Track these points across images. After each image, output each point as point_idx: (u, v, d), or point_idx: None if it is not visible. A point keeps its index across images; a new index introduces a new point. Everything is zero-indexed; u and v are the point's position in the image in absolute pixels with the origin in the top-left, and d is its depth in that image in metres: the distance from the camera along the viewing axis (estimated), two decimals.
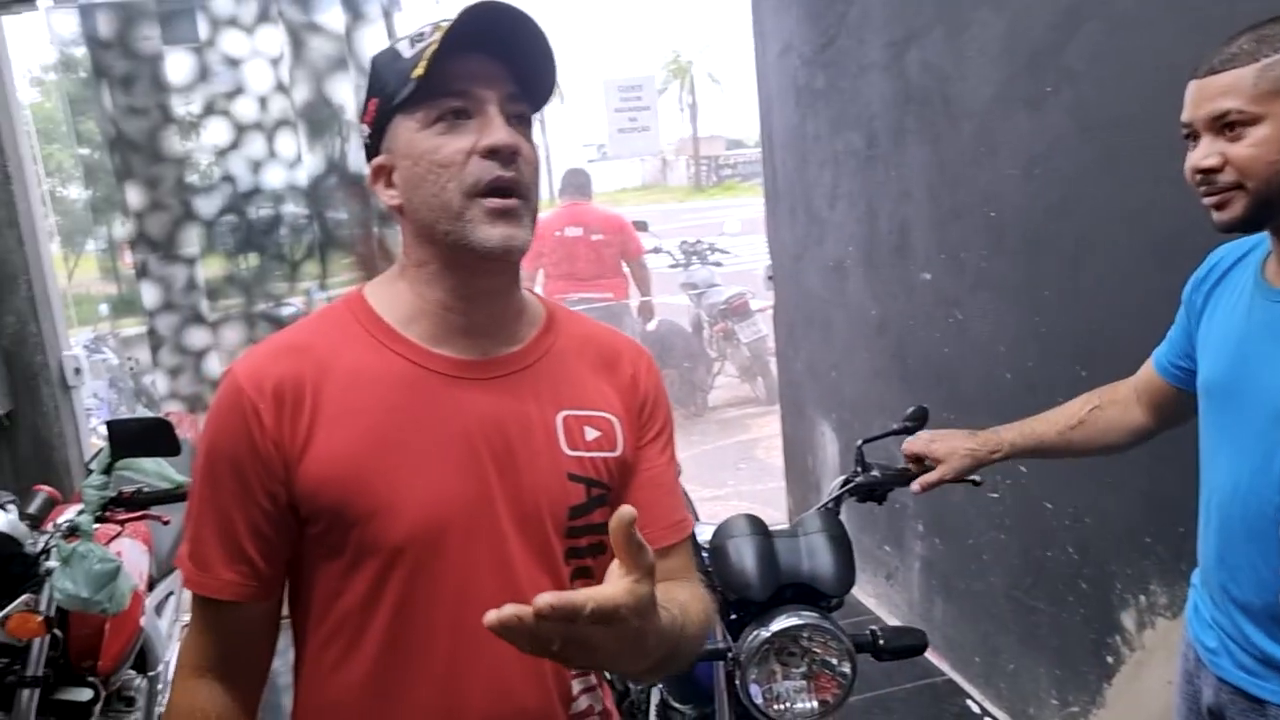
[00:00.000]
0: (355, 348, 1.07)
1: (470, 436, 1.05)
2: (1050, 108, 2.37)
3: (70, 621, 2.15)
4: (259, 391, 1.03)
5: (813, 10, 3.44)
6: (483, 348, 1.08)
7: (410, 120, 1.03)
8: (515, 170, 1.02)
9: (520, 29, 1.01)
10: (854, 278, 3.43)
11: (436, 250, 1.05)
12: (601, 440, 1.11)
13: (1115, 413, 1.69)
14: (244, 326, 4.11)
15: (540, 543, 1.07)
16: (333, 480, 1.02)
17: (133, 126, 3.74)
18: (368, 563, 1.03)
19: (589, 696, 1.14)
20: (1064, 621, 2.58)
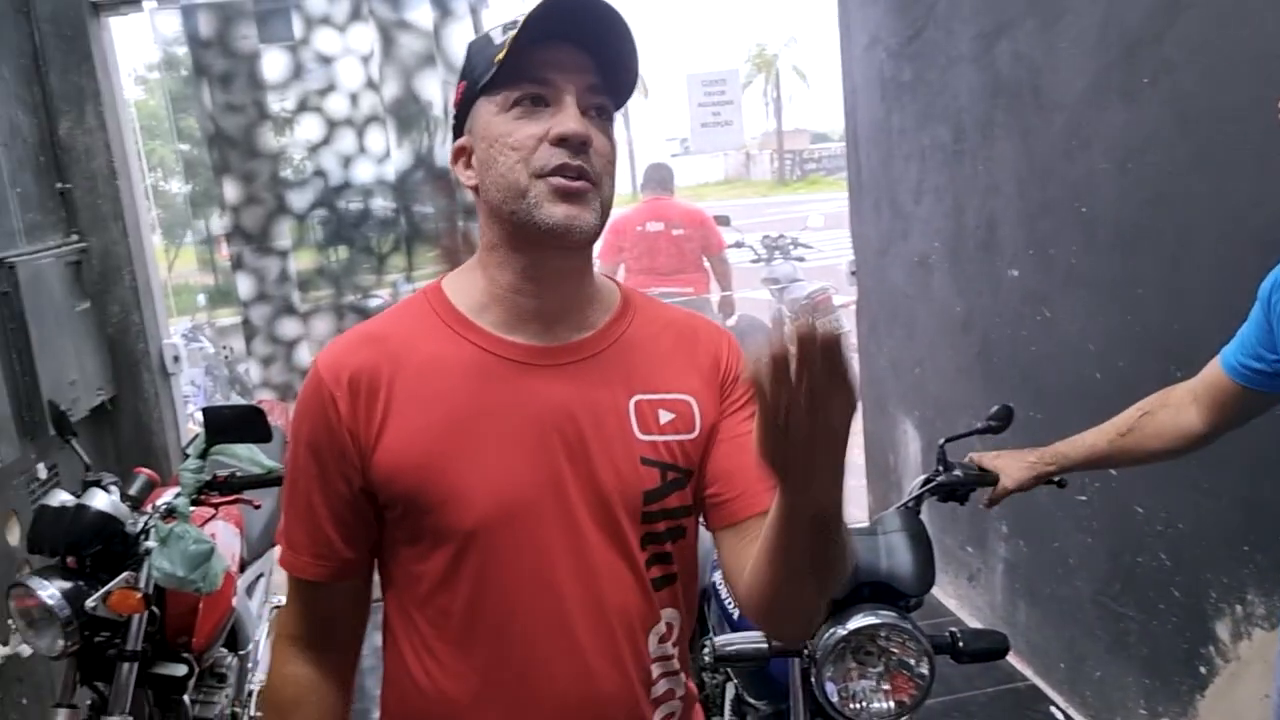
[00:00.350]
0: (430, 337, 1.09)
1: (541, 423, 1.06)
2: (1147, 99, 2.30)
3: (167, 600, 2.23)
4: (336, 381, 1.07)
5: (900, 2, 3.38)
6: (555, 333, 1.10)
7: (490, 103, 1.06)
8: (584, 160, 1.03)
9: (606, 22, 1.03)
10: (939, 273, 3.37)
11: (505, 231, 1.07)
12: (677, 423, 1.11)
13: (1167, 417, 1.65)
14: (333, 317, 4.21)
15: (614, 527, 1.08)
16: (405, 467, 1.05)
17: (230, 123, 3.85)
18: (443, 547, 1.06)
19: (670, 680, 1.14)
20: (1154, 629, 2.51)
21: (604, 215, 1.06)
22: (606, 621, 1.07)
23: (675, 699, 1.15)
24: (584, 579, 1.06)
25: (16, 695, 2.57)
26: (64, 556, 2.10)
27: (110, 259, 3.39)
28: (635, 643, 1.09)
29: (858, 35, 3.75)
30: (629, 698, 1.09)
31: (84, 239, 3.33)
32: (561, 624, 1.06)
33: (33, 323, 2.76)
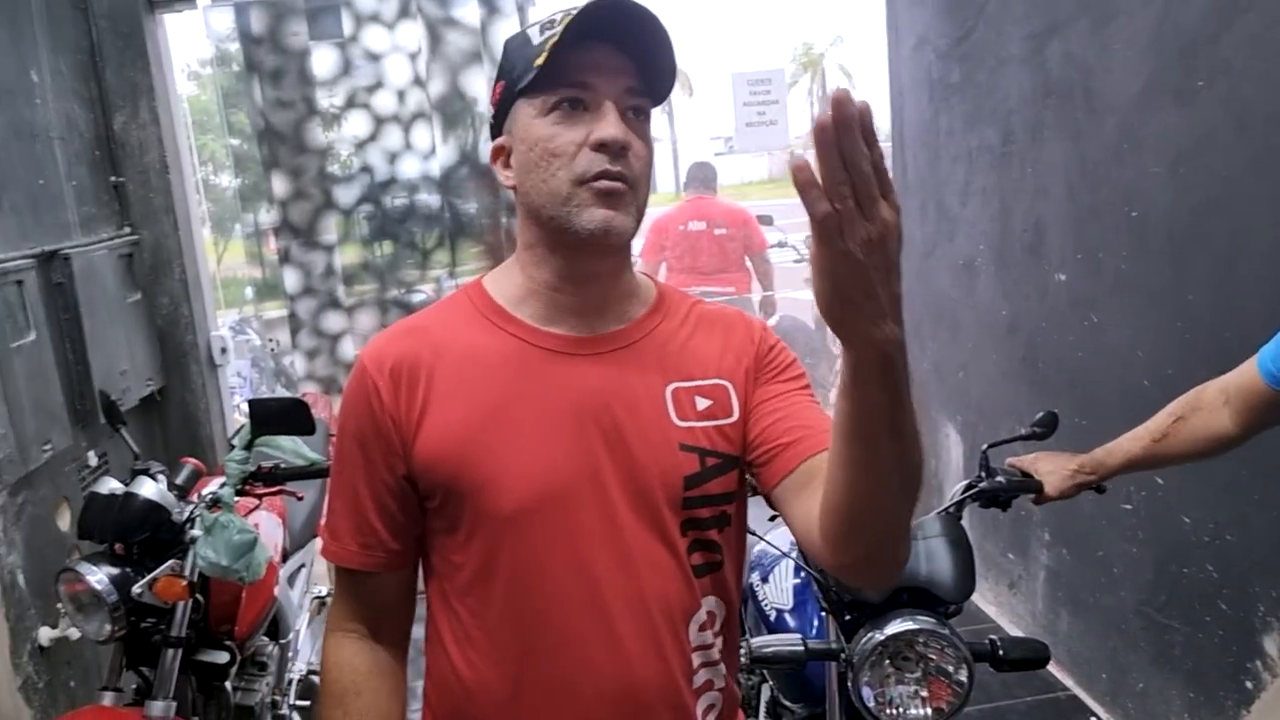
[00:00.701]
0: (470, 329, 1.12)
1: (577, 409, 1.07)
2: (1202, 102, 2.25)
3: (210, 588, 2.26)
4: (379, 370, 1.10)
5: (950, 3, 3.35)
6: (591, 325, 1.11)
7: (529, 105, 1.07)
8: (624, 164, 1.04)
9: (643, 23, 1.03)
10: (984, 276, 3.33)
11: (543, 233, 1.09)
12: (714, 409, 1.11)
13: (1199, 422, 1.63)
14: (377, 312, 4.24)
15: (652, 513, 1.08)
16: (445, 454, 1.07)
17: (280, 118, 3.90)
18: (481, 534, 1.08)
19: (710, 671, 1.14)
20: (1200, 642, 2.46)
21: (640, 217, 1.08)
22: (645, 608, 1.07)
23: (715, 690, 1.15)
24: (621, 565, 1.07)
25: (65, 677, 2.62)
26: (112, 543, 2.14)
27: (161, 252, 3.45)
28: (675, 630, 1.09)
29: (906, 36, 3.72)
30: (669, 686, 1.09)
31: (136, 232, 3.39)
32: (599, 611, 1.06)
33: (86, 314, 2.81)
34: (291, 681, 2.82)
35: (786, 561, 1.97)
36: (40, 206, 2.77)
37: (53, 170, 2.88)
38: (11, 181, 2.61)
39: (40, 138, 2.83)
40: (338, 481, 1.15)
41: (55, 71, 2.97)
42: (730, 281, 5.54)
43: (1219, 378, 1.65)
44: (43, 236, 2.74)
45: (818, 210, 0.73)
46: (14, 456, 2.38)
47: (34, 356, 2.56)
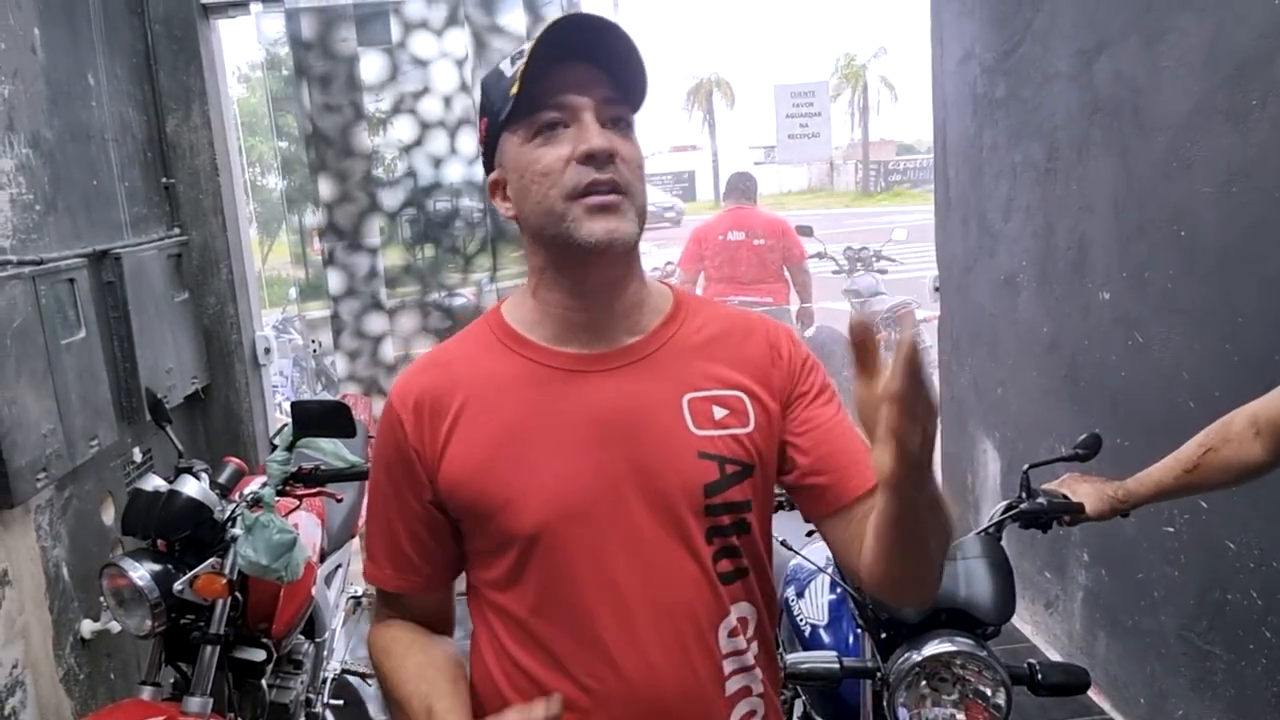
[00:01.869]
0: (488, 357, 1.15)
1: (594, 424, 1.09)
2: (1256, 122, 2.22)
3: (249, 586, 2.30)
4: (403, 405, 1.14)
5: (997, 16, 3.32)
6: (605, 340, 1.13)
7: (514, 136, 1.10)
8: (613, 172, 1.06)
9: (607, 34, 1.06)
10: (1026, 293, 3.30)
11: (548, 254, 1.11)
12: (730, 418, 1.12)
13: (1230, 452, 1.62)
14: (418, 314, 4.29)
15: (675, 523, 1.09)
16: (466, 479, 1.11)
17: (328, 122, 3.95)
18: (508, 552, 1.11)
19: (745, 677, 1.14)
20: (1243, 670, 2.42)
21: (641, 220, 1.09)
22: (671, 617, 1.08)
23: (753, 695, 1.15)
24: (645, 576, 1.08)
25: (105, 670, 2.67)
26: (155, 540, 2.18)
27: (209, 252, 3.51)
28: (703, 638, 1.10)
29: (951, 49, 3.69)
30: (698, 694, 1.10)
31: (185, 232, 3.45)
32: (625, 621, 1.08)
33: (134, 312, 2.87)
34: (326, 680, 2.85)
35: (822, 577, 1.96)
36: (93, 207, 2.83)
37: (106, 171, 2.94)
38: (67, 182, 2.67)
39: (95, 139, 2.89)
40: (373, 509, 1.21)
41: (111, 75, 3.03)
42: (769, 292, 5.53)
43: (1246, 406, 1.64)
44: (95, 236, 2.80)
45: (909, 446, 0.89)
46: (62, 452, 2.43)
47: (84, 354, 2.61)
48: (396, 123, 4.09)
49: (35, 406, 2.33)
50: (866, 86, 42.79)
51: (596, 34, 1.06)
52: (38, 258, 2.42)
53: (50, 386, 2.41)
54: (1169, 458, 1.70)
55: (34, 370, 2.34)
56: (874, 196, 35.13)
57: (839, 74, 41.87)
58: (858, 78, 42.56)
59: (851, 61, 43.05)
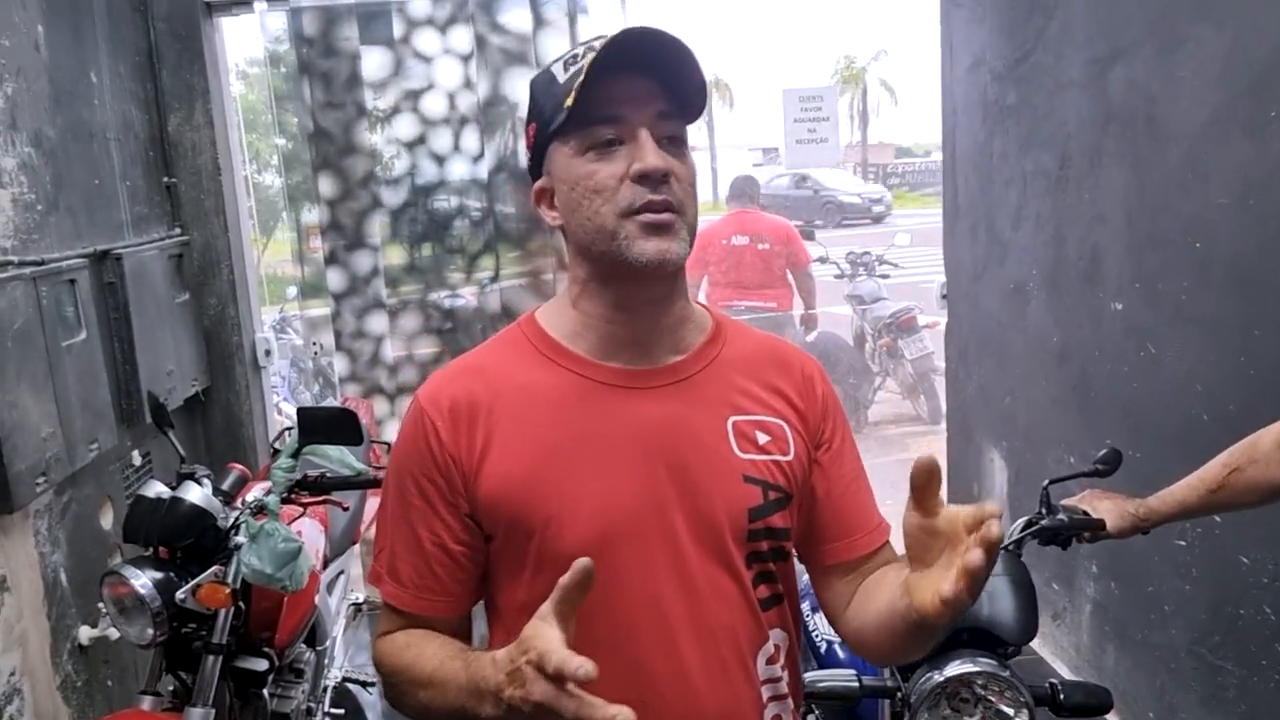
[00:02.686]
0: (526, 366, 1.11)
1: (641, 443, 1.07)
2: (1274, 134, 2.20)
3: (251, 595, 2.26)
4: (436, 409, 1.09)
5: (1008, 24, 3.30)
6: (650, 357, 1.11)
7: (565, 147, 1.07)
8: (667, 192, 1.03)
9: (666, 48, 1.03)
10: (1036, 302, 3.27)
11: (595, 267, 1.09)
12: (772, 445, 1.12)
13: (1257, 473, 1.60)
14: (420, 315, 4.26)
15: (717, 545, 1.08)
16: (508, 492, 1.06)
17: (329, 120, 3.93)
18: (548, 572, 1.05)
19: (779, 705, 1.14)
20: (1255, 686, 2.39)
21: (692, 238, 1.08)
22: (715, 642, 1.07)
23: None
24: (690, 599, 1.06)
25: (103, 677, 2.63)
26: (156, 547, 2.14)
27: (210, 253, 3.48)
28: (745, 664, 1.09)
29: (961, 56, 3.67)
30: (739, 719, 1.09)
31: (186, 232, 3.42)
32: (669, 645, 1.06)
33: (135, 313, 2.83)
34: (327, 688, 2.82)
35: None
36: (95, 206, 2.80)
37: (108, 170, 2.91)
38: (69, 181, 2.63)
39: (97, 138, 2.85)
40: (396, 524, 1.13)
41: (114, 73, 3.00)
42: (773, 297, 5.51)
43: (1274, 426, 1.62)
44: (96, 236, 2.76)
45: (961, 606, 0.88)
46: (61, 455, 2.40)
47: (84, 355, 2.58)
48: (399, 120, 4.06)
49: (35, 409, 2.30)
50: (866, 89, 42.80)
51: (656, 46, 1.03)
52: (39, 258, 2.39)
53: (50, 389, 2.37)
54: (1192, 476, 1.68)
55: (34, 373, 2.30)
56: None
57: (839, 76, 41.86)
58: (857, 80, 42.56)
59: (851, 64, 43.06)
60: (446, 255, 4.34)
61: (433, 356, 4.35)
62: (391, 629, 1.16)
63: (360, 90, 3.98)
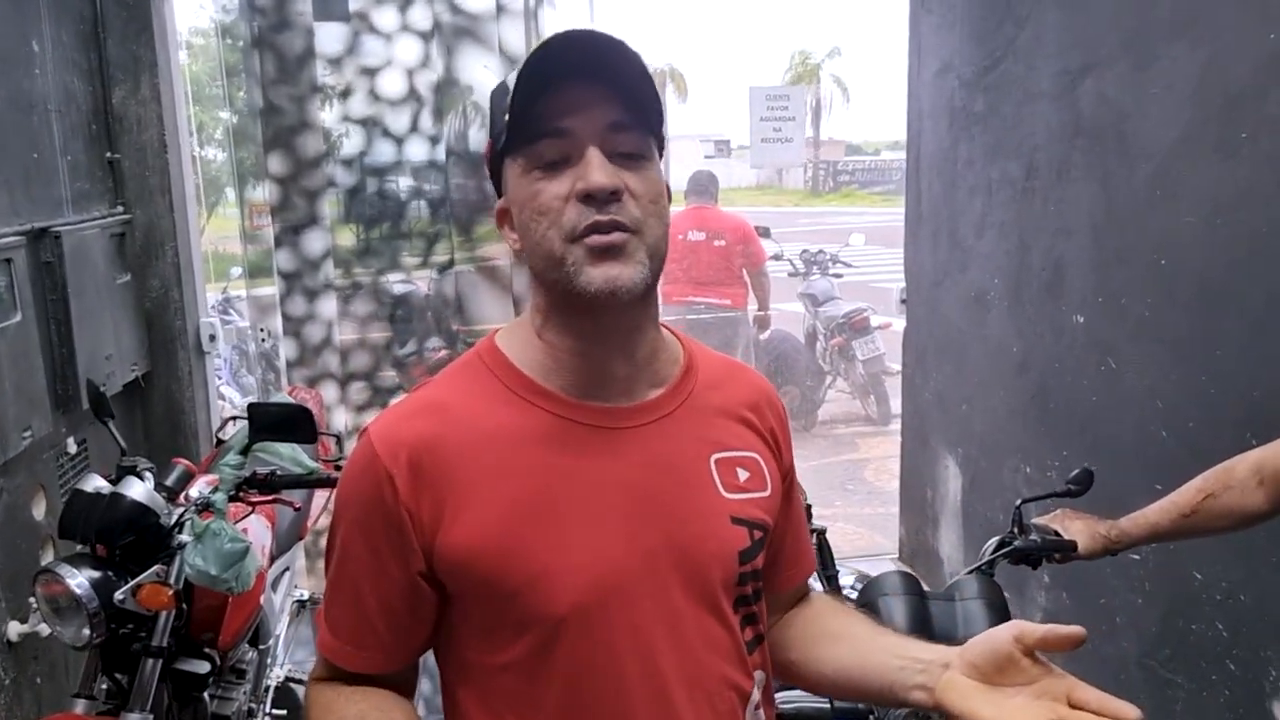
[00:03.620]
0: (494, 405, 1.01)
1: (627, 489, 0.99)
2: (1245, 156, 2.21)
3: (194, 595, 2.17)
4: (393, 456, 0.97)
5: (979, 31, 3.29)
6: (628, 393, 1.03)
7: (514, 164, 0.99)
8: (617, 211, 0.94)
9: (612, 53, 0.94)
10: (997, 311, 3.28)
11: (552, 296, 1.00)
12: (751, 481, 1.06)
13: (1231, 499, 1.59)
14: (370, 299, 4.17)
15: (709, 595, 1.01)
16: (482, 551, 0.96)
17: (281, 96, 3.82)
18: (528, 636, 0.97)
19: None
20: (1204, 701, 2.42)
21: (654, 264, 0.97)
22: (708, 697, 1.01)
23: None
24: (683, 653, 0.99)
25: (32, 674, 2.52)
26: (94, 544, 2.04)
27: (154, 233, 3.34)
28: (734, 712, 1.03)
29: (929, 60, 3.66)
30: None
31: (129, 211, 3.28)
32: (665, 704, 0.98)
33: (73, 295, 2.70)
34: (269, 689, 2.73)
35: None
36: (33, 181, 2.66)
37: (48, 144, 2.77)
38: (5, 154, 2.50)
39: (38, 109, 2.72)
40: (338, 573, 1.03)
41: (56, 42, 2.85)
42: (728, 295, 5.49)
43: (1251, 453, 1.60)
44: (34, 213, 2.63)
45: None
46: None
47: (19, 339, 2.45)
48: (354, 98, 3.95)
49: None
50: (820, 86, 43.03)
51: (601, 50, 0.94)
52: None
53: None
54: (1165, 500, 1.67)
55: None
56: (823, 196, 35.30)
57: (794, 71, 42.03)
58: (812, 76, 42.76)
59: (806, 59, 43.25)
60: (399, 239, 4.26)
61: (384, 341, 4.26)
62: (326, 675, 1.07)
63: (313, 66, 3.87)
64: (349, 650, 1.03)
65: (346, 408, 4.16)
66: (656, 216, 0.97)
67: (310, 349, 4.11)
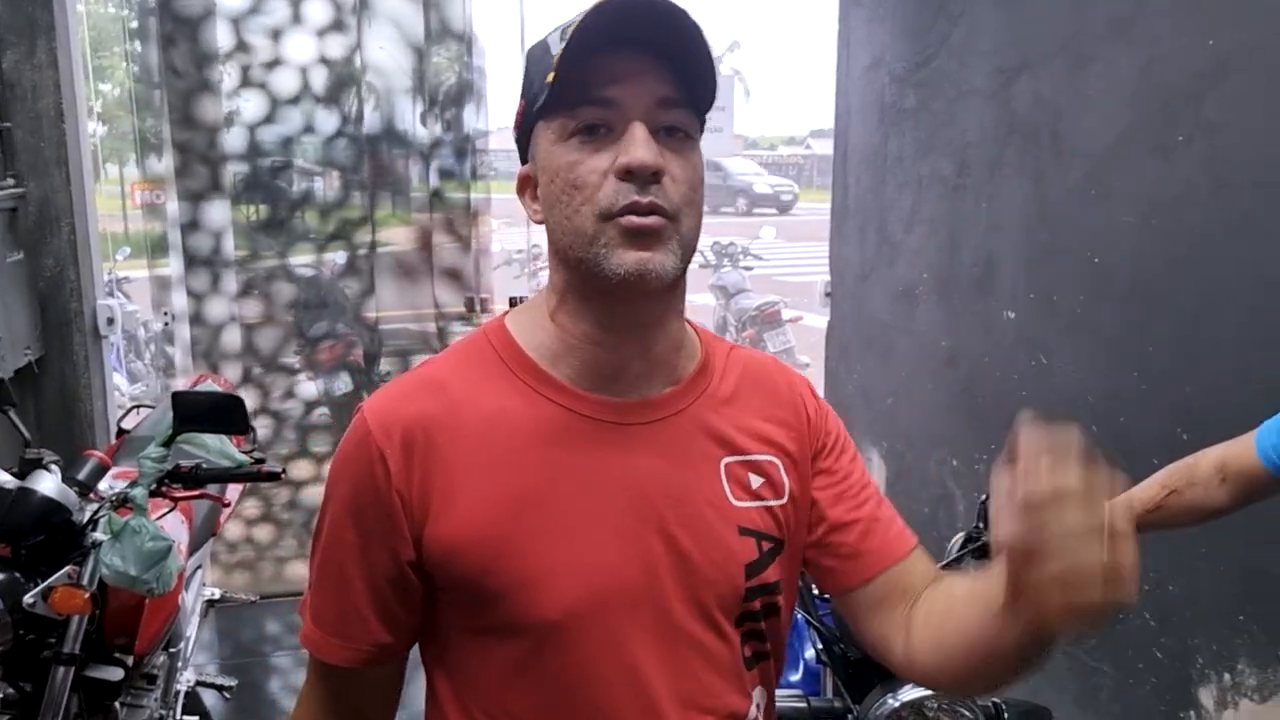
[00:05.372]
0: (497, 387, 0.94)
1: (630, 492, 0.93)
2: (1181, 158, 2.26)
3: (107, 597, 2.02)
4: (386, 434, 0.91)
5: (911, 27, 3.32)
6: (640, 388, 0.96)
7: (548, 129, 0.92)
8: (656, 193, 0.88)
9: (672, 18, 0.88)
10: (925, 306, 3.32)
11: (573, 277, 0.93)
12: (765, 488, 0.99)
13: (1195, 496, 1.60)
14: (273, 281, 4.02)
15: (707, 607, 0.95)
16: (472, 545, 0.90)
17: (182, 61, 3.67)
18: (518, 639, 0.91)
19: None
20: (1131, 689, 2.49)
21: (686, 254, 0.92)
22: (700, 712, 0.95)
23: None
24: (677, 668, 0.94)
25: None
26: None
27: (48, 208, 3.12)
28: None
29: (859, 54, 3.68)
30: None
31: (21, 184, 3.05)
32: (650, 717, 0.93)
33: None
34: (179, 694, 2.58)
35: None
36: None
37: None
38: None
39: None
40: (324, 558, 0.97)
41: None
42: None
43: (1213, 450, 1.62)
44: None
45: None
46: None
47: None
48: (255, 66, 3.78)
49: None
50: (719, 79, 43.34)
51: (660, 16, 0.87)
52: None
53: None
54: (1126, 495, 1.69)
55: None
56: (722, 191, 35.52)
57: None
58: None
59: None
60: (302, 219, 4.11)
61: (293, 328, 4.10)
62: (314, 691, 1.00)
63: (212, 43, 3.69)
64: (334, 643, 0.96)
65: (251, 388, 4.01)
66: (693, 205, 0.91)
67: (209, 332, 3.94)
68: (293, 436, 4.14)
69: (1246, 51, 2.09)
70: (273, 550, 4.13)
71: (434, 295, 4.12)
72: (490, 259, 4.53)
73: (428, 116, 4.03)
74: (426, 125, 4.04)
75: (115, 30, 4.08)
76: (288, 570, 4.07)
